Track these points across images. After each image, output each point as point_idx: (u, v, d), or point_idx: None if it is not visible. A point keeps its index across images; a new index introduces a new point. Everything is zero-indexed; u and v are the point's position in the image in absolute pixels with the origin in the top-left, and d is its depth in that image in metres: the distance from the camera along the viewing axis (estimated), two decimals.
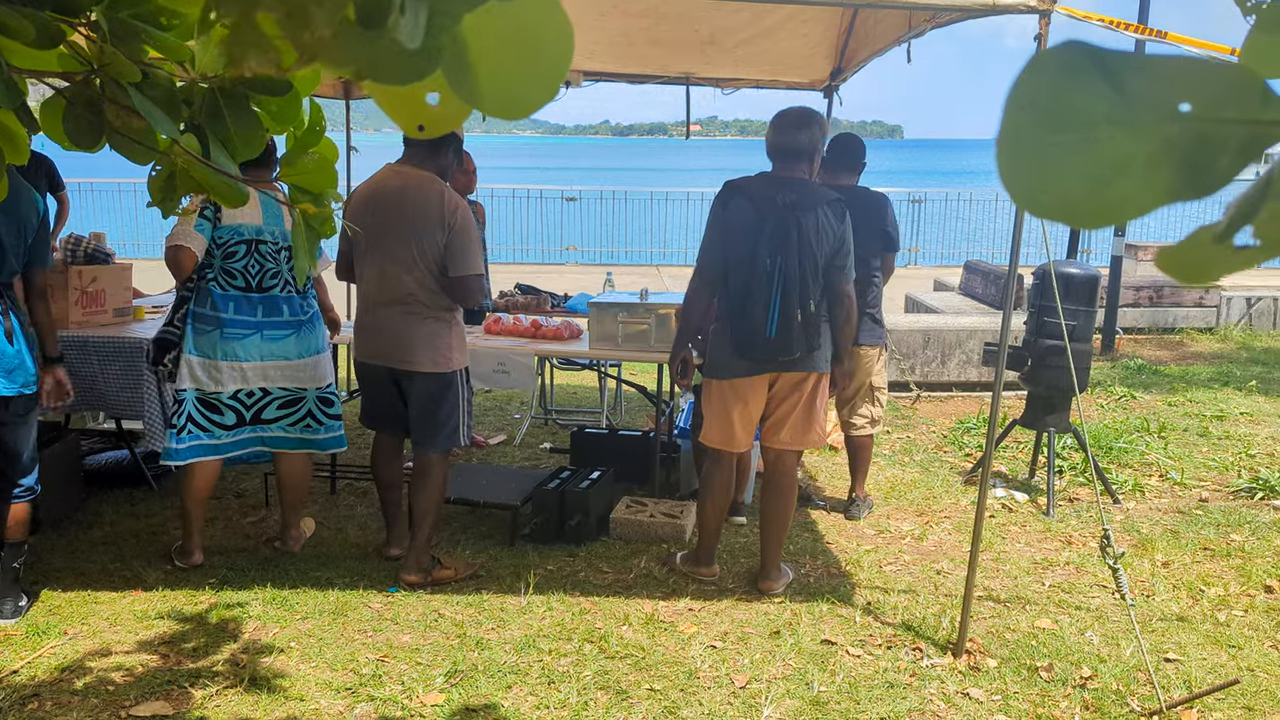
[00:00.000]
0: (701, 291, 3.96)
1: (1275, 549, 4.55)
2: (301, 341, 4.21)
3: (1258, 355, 8.97)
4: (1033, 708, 3.23)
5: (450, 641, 3.63)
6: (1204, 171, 0.46)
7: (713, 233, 3.92)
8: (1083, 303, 5.17)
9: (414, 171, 3.96)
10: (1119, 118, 0.45)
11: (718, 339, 3.97)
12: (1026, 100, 0.46)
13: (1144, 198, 0.47)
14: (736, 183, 3.91)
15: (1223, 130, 0.45)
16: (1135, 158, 0.46)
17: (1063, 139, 0.46)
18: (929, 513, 5.09)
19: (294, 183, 1.75)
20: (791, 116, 3.90)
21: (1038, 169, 0.47)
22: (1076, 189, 0.47)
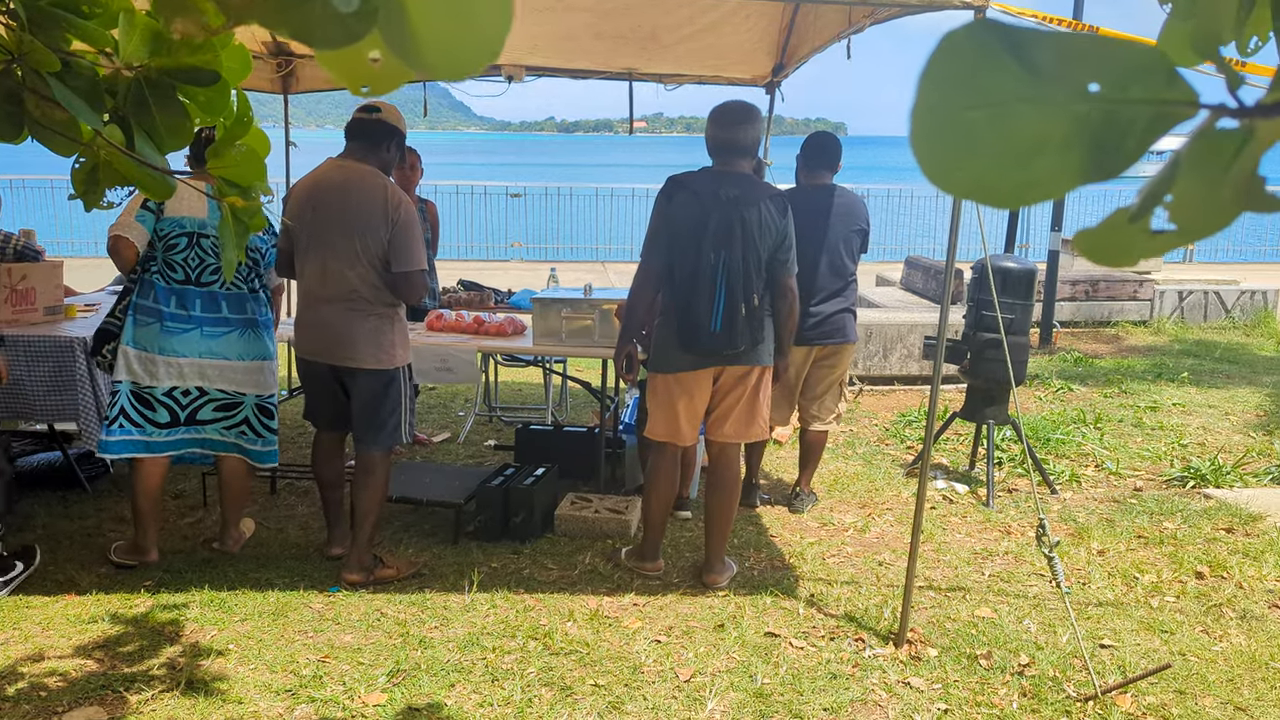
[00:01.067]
0: (646, 286, 3.96)
1: (1206, 536, 4.67)
2: (245, 343, 4.11)
3: (1189, 348, 9.20)
4: (972, 695, 3.27)
5: (393, 641, 3.59)
6: (1112, 152, 0.46)
7: (657, 227, 3.91)
8: (1020, 296, 5.26)
9: (356, 166, 3.90)
10: (1031, 96, 0.45)
11: (662, 333, 3.97)
12: (939, 78, 0.45)
13: (1058, 178, 0.47)
14: (680, 178, 3.91)
15: (1130, 110, 0.45)
16: (1049, 137, 0.46)
17: (976, 117, 0.46)
18: (871, 505, 5.14)
19: (222, 175, 1.71)
20: (734, 111, 3.91)
21: (952, 148, 0.46)
22: (991, 169, 0.47)
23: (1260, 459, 5.82)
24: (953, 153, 0.46)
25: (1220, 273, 12.39)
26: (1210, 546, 4.53)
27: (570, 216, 16.06)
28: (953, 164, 0.46)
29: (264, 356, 4.19)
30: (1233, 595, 4.05)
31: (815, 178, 4.88)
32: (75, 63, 1.61)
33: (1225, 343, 9.42)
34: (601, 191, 15.72)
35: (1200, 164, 0.46)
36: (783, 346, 4.07)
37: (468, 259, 14.86)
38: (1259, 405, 7.08)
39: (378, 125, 3.94)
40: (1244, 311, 10.36)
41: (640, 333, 4.14)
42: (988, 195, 0.47)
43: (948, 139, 0.46)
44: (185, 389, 4.06)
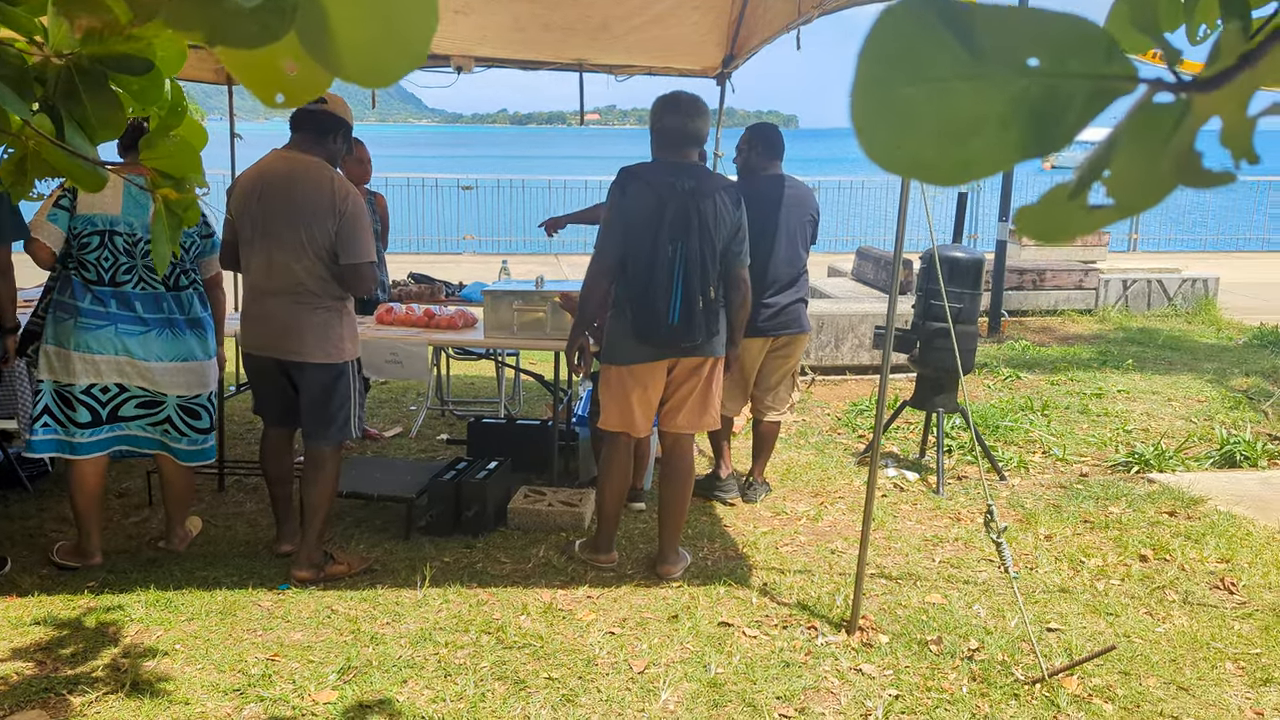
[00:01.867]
0: (601, 278, 3.92)
1: (1149, 520, 4.76)
2: (164, 344, 3.99)
3: (1133, 335, 9.38)
4: (923, 680, 3.31)
5: (343, 638, 3.54)
6: (1052, 127, 0.45)
7: (612, 219, 3.88)
8: (968, 285, 5.32)
9: (302, 157, 3.84)
10: (970, 72, 0.45)
11: (616, 325, 3.95)
12: (878, 55, 0.45)
13: (998, 155, 0.47)
14: (634, 169, 3.89)
15: (1069, 85, 0.45)
16: (989, 114, 0.46)
17: (915, 94, 0.45)
18: (824, 494, 5.18)
19: (155, 166, 1.67)
20: (688, 102, 3.89)
21: (892, 125, 0.46)
22: (931, 146, 0.46)
23: (1201, 444, 5.95)
24: (893, 131, 0.45)
25: (1163, 261, 12.65)
26: (1154, 530, 4.62)
27: (523, 208, 15.97)
28: (893, 142, 0.46)
29: (187, 357, 4.05)
30: (1175, 577, 4.13)
31: (767, 168, 4.88)
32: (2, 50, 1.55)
33: (1168, 330, 9.61)
34: (554, 183, 15.65)
35: (1139, 138, 0.46)
36: (734, 337, 4.08)
37: (419, 252, 14.73)
38: (1200, 391, 7.24)
39: (324, 116, 3.88)
40: (1186, 299, 10.58)
41: (593, 325, 4.11)
42: (928, 173, 0.47)
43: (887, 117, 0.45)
44: (104, 386, 3.96)
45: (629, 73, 6.78)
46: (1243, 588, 4.03)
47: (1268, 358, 8.37)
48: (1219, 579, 4.11)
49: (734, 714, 3.10)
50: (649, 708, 3.13)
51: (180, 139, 1.66)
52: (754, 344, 4.82)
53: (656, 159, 3.93)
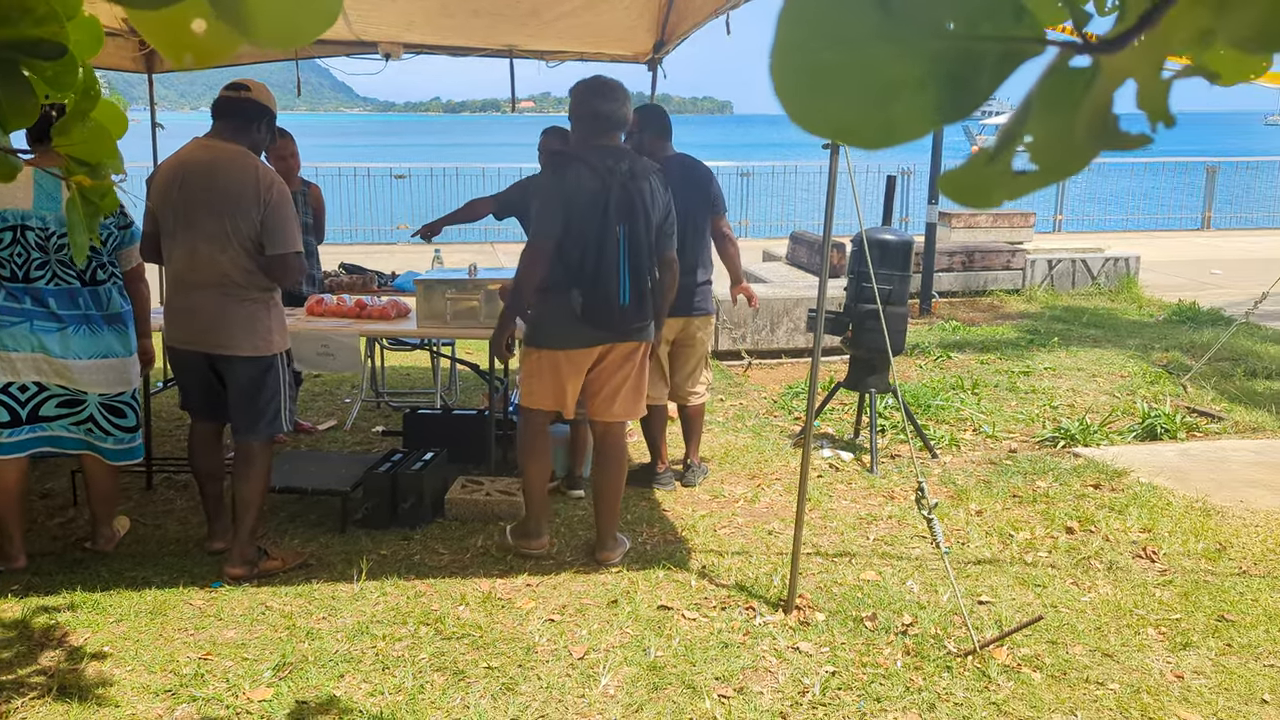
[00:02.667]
0: (538, 264, 3.85)
1: (1075, 493, 4.88)
2: (81, 341, 3.86)
3: (1059, 314, 9.60)
4: (858, 656, 3.36)
5: (278, 634, 3.49)
6: (966, 90, 0.46)
7: (551, 203, 3.81)
8: (898, 267, 5.39)
9: (224, 145, 3.74)
10: (887, 35, 0.45)
11: (551, 309, 3.90)
12: (797, 18, 0.44)
13: (917, 118, 0.47)
14: (570, 153, 3.86)
15: (981, 47, 0.45)
16: (907, 77, 0.46)
17: (834, 57, 0.45)
18: (760, 476, 5.22)
19: (69, 153, 1.61)
20: (613, 86, 3.88)
21: (813, 88, 0.46)
22: (852, 109, 0.46)
23: (1124, 418, 6.12)
24: (813, 94, 0.45)
25: (1087, 241, 12.96)
26: (1079, 503, 4.75)
27: (456, 197, 15.78)
28: (814, 105, 0.46)
29: (106, 354, 3.93)
30: (1100, 548, 4.25)
31: (661, 150, 4.87)
32: None
33: (1092, 308, 9.86)
34: (489, 171, 15.51)
35: (1053, 102, 0.47)
36: (659, 320, 4.11)
37: (352, 243, 14.50)
38: (1123, 367, 7.44)
39: (246, 104, 3.79)
40: (1109, 278, 10.86)
41: (525, 312, 4.08)
42: (850, 136, 0.47)
43: (808, 80, 0.45)
44: (22, 385, 3.83)
45: (560, 59, 6.74)
46: (1163, 556, 4.16)
47: (1186, 333, 8.63)
48: (1141, 548, 4.23)
49: (673, 696, 3.12)
50: (589, 693, 3.13)
51: (96, 124, 1.61)
52: (674, 324, 4.82)
53: (590, 144, 3.89)
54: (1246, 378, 7.09)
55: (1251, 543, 4.29)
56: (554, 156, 3.89)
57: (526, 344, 4.03)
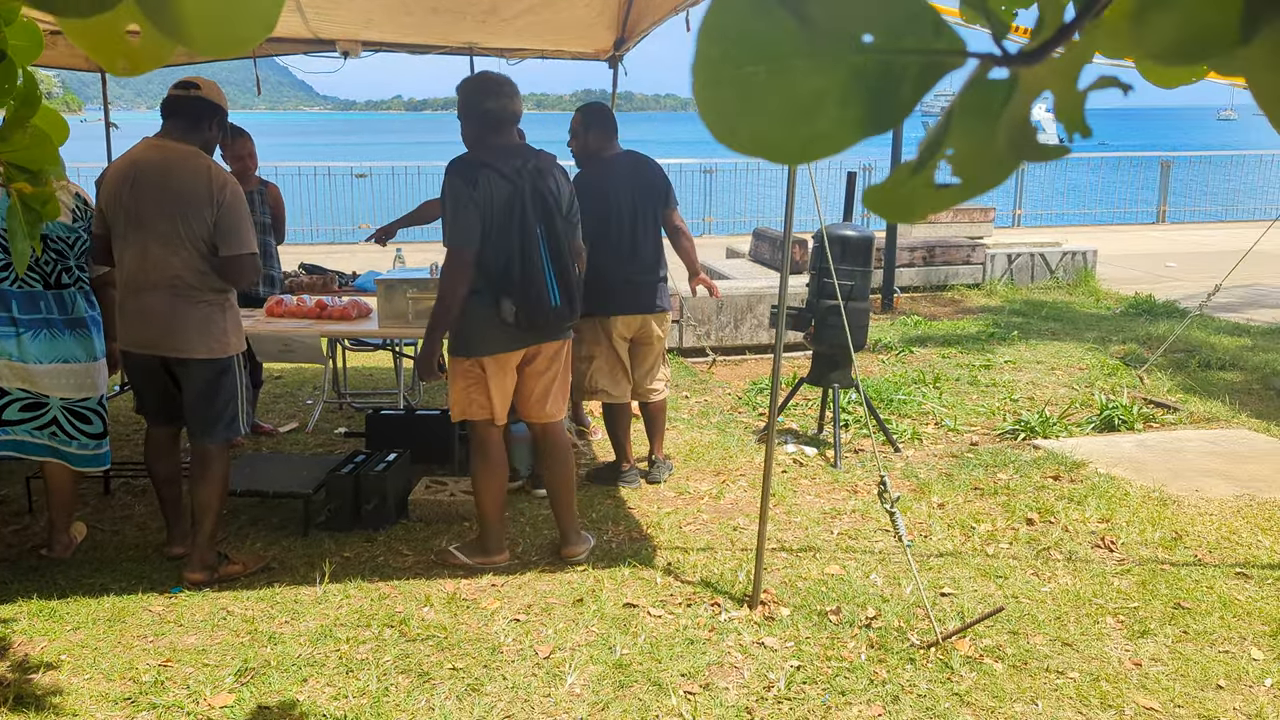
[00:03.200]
0: (464, 276, 3.75)
1: (1035, 485, 4.94)
2: (42, 345, 3.82)
3: (1019, 307, 9.71)
4: (823, 650, 3.38)
5: (240, 639, 3.45)
6: (888, 103, 0.46)
7: (467, 211, 3.71)
8: (859, 263, 5.43)
9: (175, 145, 3.69)
10: (807, 50, 0.45)
11: (477, 317, 3.81)
12: (717, 33, 0.45)
13: (840, 133, 0.47)
14: (473, 158, 3.78)
15: (902, 60, 0.46)
16: (829, 91, 0.46)
17: (756, 72, 0.45)
18: (726, 472, 5.24)
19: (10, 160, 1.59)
20: (499, 82, 3.84)
21: (735, 103, 0.46)
22: (775, 125, 0.46)
23: (1083, 410, 6.20)
24: (735, 109, 0.46)
25: (1045, 235, 13.11)
26: (1039, 494, 4.81)
27: (418, 196, 15.66)
28: (736, 121, 0.46)
29: (67, 359, 3.88)
30: (1060, 538, 4.31)
31: (607, 149, 4.86)
32: None
33: (1051, 301, 9.98)
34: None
35: (972, 114, 0.47)
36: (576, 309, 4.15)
37: (313, 243, 14.36)
38: (1081, 359, 7.54)
39: (197, 102, 3.74)
40: (1067, 271, 11.00)
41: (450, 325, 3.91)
42: (773, 152, 0.47)
43: (730, 95, 0.45)
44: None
45: (521, 56, 6.72)
46: (1121, 545, 4.23)
47: (1142, 325, 8.76)
48: (1100, 538, 4.30)
49: (639, 694, 3.13)
50: (555, 692, 3.13)
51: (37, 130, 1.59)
52: (633, 321, 4.82)
53: (490, 144, 3.82)
54: (1201, 369, 7.22)
55: (1206, 531, 4.37)
56: (456, 162, 3.79)
57: (453, 354, 3.92)
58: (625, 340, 4.88)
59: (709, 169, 15.67)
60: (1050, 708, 3.07)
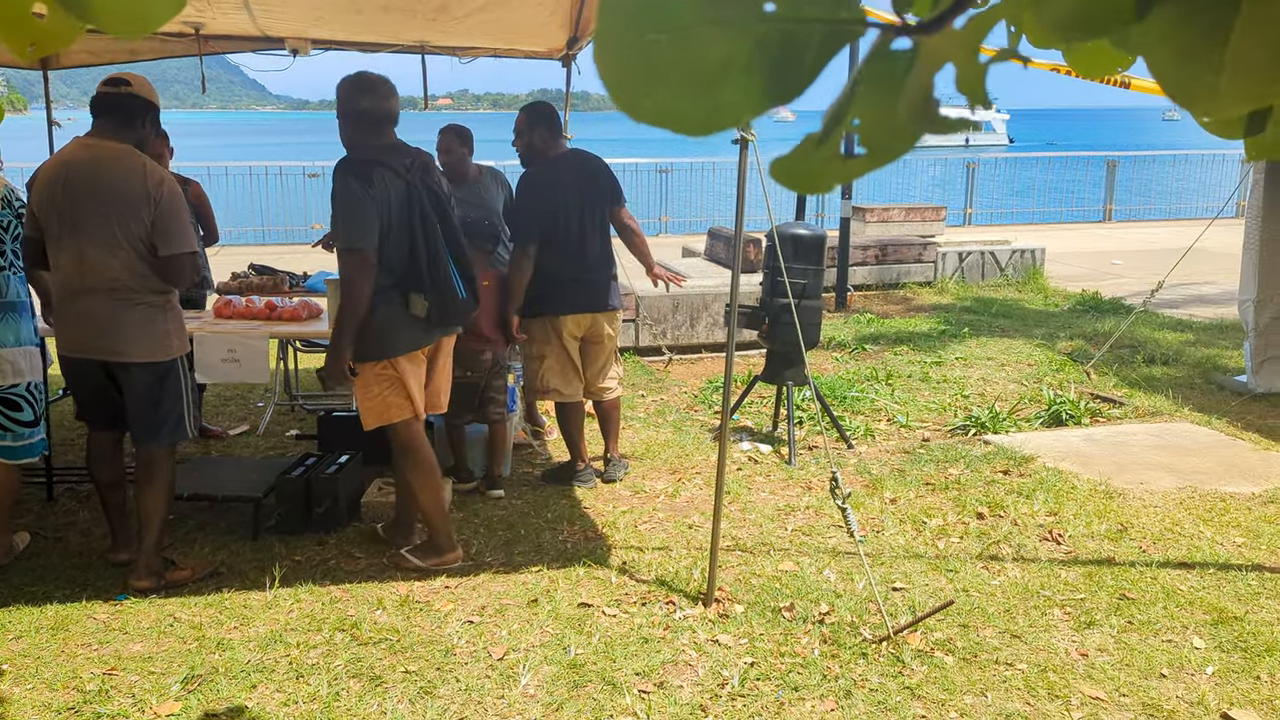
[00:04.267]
0: (367, 273, 3.69)
1: (985, 479, 5.00)
2: None
3: (970, 305, 9.83)
4: (777, 647, 3.40)
5: (187, 646, 3.40)
6: (792, 73, 0.46)
7: (364, 210, 3.67)
8: (812, 261, 5.47)
9: (108, 144, 3.61)
10: (711, 16, 0.45)
11: (387, 317, 3.77)
12: (621, 1, 0.44)
13: (744, 103, 0.47)
14: (366, 158, 3.75)
15: (805, 29, 0.46)
16: (732, 60, 0.46)
17: (660, 41, 0.45)
18: (681, 470, 5.25)
19: None
20: (375, 82, 3.82)
21: (639, 73, 0.45)
22: (679, 95, 0.46)
23: (1032, 405, 6.29)
24: (640, 79, 0.45)
25: (995, 234, 13.28)
26: (989, 489, 4.86)
27: None
28: (641, 91, 0.45)
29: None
30: (1009, 532, 4.36)
31: (554, 148, 4.86)
32: None
33: (1001, 299, 10.12)
34: None
35: (876, 84, 0.47)
36: None
37: (264, 243, 14.18)
38: (1030, 355, 7.65)
39: (128, 99, 3.66)
40: (1016, 269, 11.15)
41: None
42: (678, 123, 0.47)
43: (634, 65, 0.45)
44: None
45: (473, 54, 6.67)
46: (1068, 538, 4.29)
47: (1089, 321, 8.91)
48: (1047, 531, 4.36)
49: (594, 693, 3.12)
50: (508, 694, 3.11)
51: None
52: (583, 320, 4.81)
53: (379, 144, 3.80)
54: (1145, 364, 7.35)
55: (1151, 523, 4.45)
56: (347, 162, 3.75)
57: (364, 359, 3.83)
58: (576, 339, 4.87)
59: (664, 168, 15.69)
60: (999, 699, 3.10)
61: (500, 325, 4.84)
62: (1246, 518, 4.50)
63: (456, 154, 5.50)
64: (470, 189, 5.53)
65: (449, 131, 5.52)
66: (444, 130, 5.46)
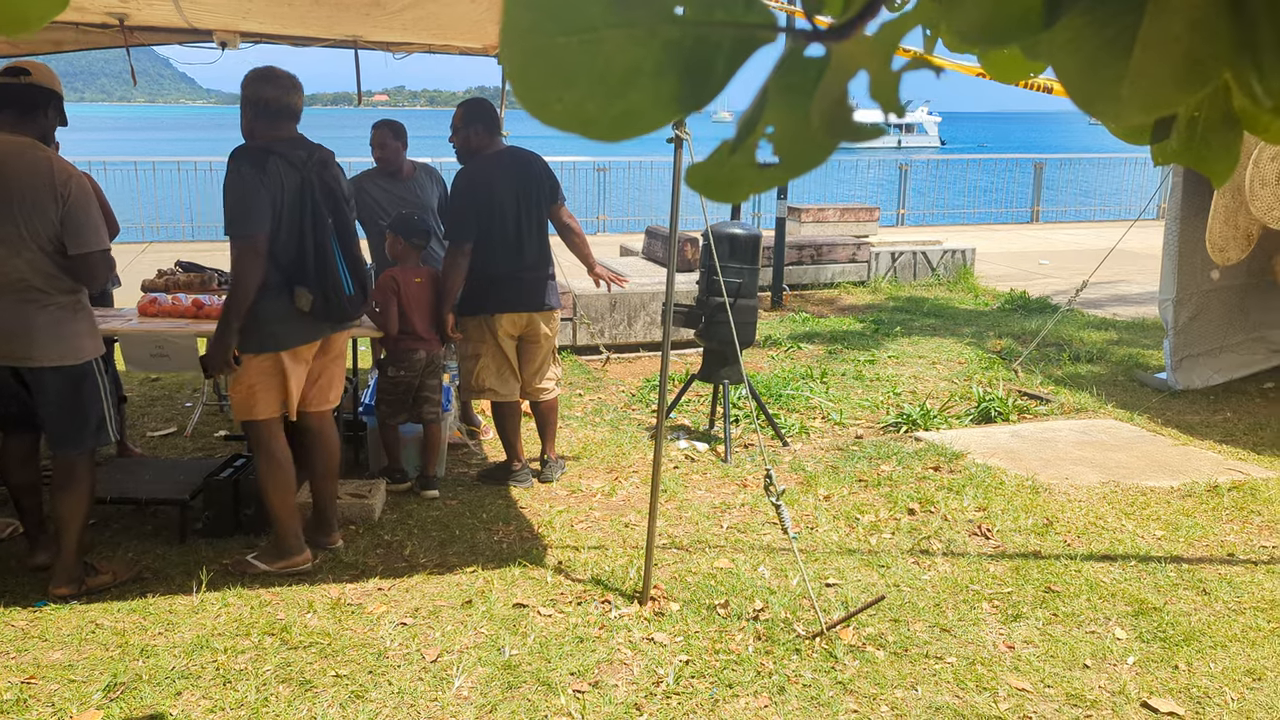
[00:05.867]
0: (258, 262, 3.65)
1: (917, 475, 5.08)
2: None
3: (902, 304, 9.98)
4: (711, 644, 3.41)
5: (109, 653, 3.31)
6: (702, 78, 0.46)
7: (257, 198, 3.62)
8: (747, 261, 5.50)
9: (8, 138, 3.46)
10: (619, 20, 0.44)
11: (271, 310, 3.74)
12: (528, 0, 0.43)
13: (655, 108, 0.47)
14: (263, 146, 3.71)
15: (716, 34, 0.45)
16: (642, 64, 0.45)
17: (569, 44, 0.44)
18: (618, 469, 5.25)
19: None
20: (279, 75, 3.80)
21: (547, 77, 0.45)
22: (589, 99, 0.45)
23: (962, 402, 6.41)
24: (548, 82, 0.45)
25: (926, 235, 13.51)
26: (920, 485, 4.94)
27: None
28: (549, 94, 0.45)
29: None
30: (939, 527, 4.44)
31: (490, 145, 4.82)
32: None
33: (932, 298, 10.29)
34: (341, 165, 15.07)
35: (788, 92, 0.47)
36: None
37: (196, 240, 13.87)
38: (960, 354, 7.79)
39: (29, 90, 3.53)
40: (947, 269, 11.35)
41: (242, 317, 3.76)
42: (588, 127, 0.46)
43: (542, 67, 0.44)
44: None
45: (407, 50, 6.59)
46: (996, 533, 4.38)
47: (1018, 320, 9.11)
48: (977, 526, 4.44)
49: (528, 694, 3.10)
50: (442, 696, 3.08)
51: None
52: (519, 320, 4.78)
53: (265, 135, 3.77)
54: (1071, 362, 7.54)
55: (1075, 517, 4.56)
56: (243, 149, 3.71)
57: (245, 351, 3.79)
58: (512, 338, 4.83)
59: (602, 167, 15.68)
60: (929, 692, 3.15)
61: (435, 324, 4.79)
62: (1166, 511, 4.64)
63: (390, 148, 5.44)
64: (405, 185, 5.47)
65: (383, 126, 5.45)
66: (378, 125, 5.40)
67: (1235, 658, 3.38)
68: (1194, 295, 6.73)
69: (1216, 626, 3.58)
